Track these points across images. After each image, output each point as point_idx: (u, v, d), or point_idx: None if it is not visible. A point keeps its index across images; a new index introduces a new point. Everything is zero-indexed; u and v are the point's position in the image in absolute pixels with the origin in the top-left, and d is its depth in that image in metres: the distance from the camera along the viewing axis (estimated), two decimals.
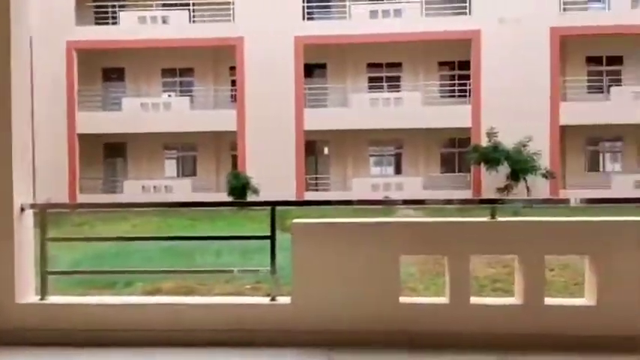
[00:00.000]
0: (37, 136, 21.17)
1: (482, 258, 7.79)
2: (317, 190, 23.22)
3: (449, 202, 4.35)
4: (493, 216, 3.87)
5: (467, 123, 21.61)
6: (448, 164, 23.56)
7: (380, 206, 19.94)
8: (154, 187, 22.57)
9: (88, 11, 23.53)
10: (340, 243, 3.84)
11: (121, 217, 18.12)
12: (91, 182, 23.66)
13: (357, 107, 22.01)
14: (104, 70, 24.22)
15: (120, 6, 23.34)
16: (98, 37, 22.32)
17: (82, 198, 22.32)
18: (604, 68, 22.79)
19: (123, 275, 7.43)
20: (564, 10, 21.61)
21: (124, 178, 23.67)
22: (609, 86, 22.22)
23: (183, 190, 22.44)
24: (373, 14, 22.04)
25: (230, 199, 20.53)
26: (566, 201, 4.10)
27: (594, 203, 4.91)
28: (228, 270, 7.25)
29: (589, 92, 22.65)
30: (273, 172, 21.64)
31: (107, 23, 23.31)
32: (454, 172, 23.32)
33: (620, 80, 22.59)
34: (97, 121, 22.61)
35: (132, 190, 22.52)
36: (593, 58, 22.75)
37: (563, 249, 3.96)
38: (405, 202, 8.12)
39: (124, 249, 9.57)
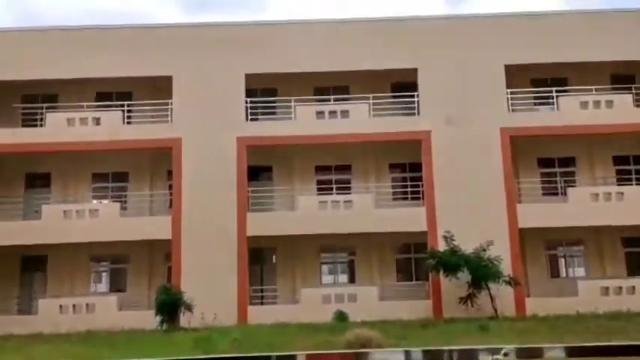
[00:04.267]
0: None
1: None
2: (262, 303, 20.90)
3: None
4: None
5: (422, 226, 20.22)
6: (404, 271, 21.81)
7: (328, 323, 17.81)
8: (74, 305, 19.73)
9: (14, 112, 21.84)
10: None
11: (24, 344, 15.45)
12: (6, 302, 20.70)
13: (304, 210, 20.39)
14: (27, 176, 22.10)
15: (48, 107, 21.73)
16: (20, 140, 20.45)
17: None
18: (557, 170, 22.25)
19: None
20: (513, 110, 21.30)
21: (43, 296, 20.78)
22: (566, 187, 21.50)
23: (107, 308, 19.71)
24: (320, 115, 21.14)
25: (158, 317, 17.98)
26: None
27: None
28: None
29: (544, 194, 21.90)
30: (212, 284, 19.44)
31: (35, 125, 21.61)
32: (411, 279, 21.54)
33: (574, 181, 22.00)
34: (14, 232, 20.12)
35: (48, 310, 19.63)
36: (544, 160, 22.26)
37: None
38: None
39: None
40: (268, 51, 21.31)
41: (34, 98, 22.26)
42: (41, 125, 21.37)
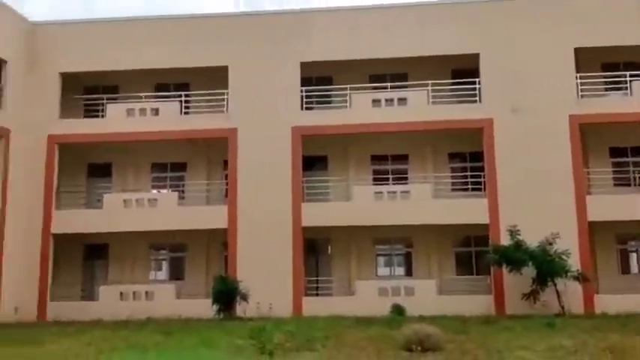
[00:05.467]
0: (11, 236, 19.30)
1: None
2: (317, 294, 20.66)
3: None
4: None
5: (483, 219, 19.39)
6: (464, 265, 21.04)
7: (384, 316, 17.34)
8: (134, 293, 20.12)
9: (76, 103, 22.44)
10: None
11: (85, 329, 15.81)
12: (70, 288, 21.33)
13: (360, 201, 19.96)
14: (89, 166, 22.69)
15: (109, 98, 22.19)
16: (82, 131, 20.97)
17: (53, 306, 19.90)
18: (630, 159, 20.84)
19: None
20: (582, 96, 20.05)
21: (105, 283, 21.31)
22: (639, 178, 20.12)
23: (166, 296, 20.00)
24: (376, 103, 20.59)
25: (215, 306, 18.07)
26: None
27: None
28: None
29: (616, 185, 20.56)
30: (268, 274, 19.36)
31: (96, 116, 22.12)
32: (472, 273, 20.75)
33: None
34: (77, 220, 20.69)
35: (108, 296, 20.11)
36: (616, 149, 20.89)
37: None
38: None
39: None
40: (324, 38, 20.95)
41: (96, 90, 22.79)
42: (102, 116, 21.83)
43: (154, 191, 22.30)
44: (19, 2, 23.18)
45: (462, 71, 21.17)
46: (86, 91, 22.84)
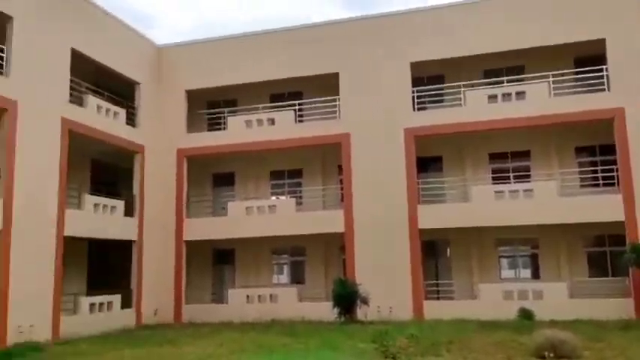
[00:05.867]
0: (149, 244, 20.99)
1: None
2: (438, 298, 20.28)
3: None
4: None
5: (618, 216, 17.92)
6: (598, 266, 19.58)
7: (511, 321, 16.61)
8: (259, 296, 21.04)
9: (200, 118, 23.93)
10: None
11: (217, 331, 16.80)
12: (202, 292, 22.82)
13: (479, 201, 19.31)
14: (214, 176, 24.09)
15: (229, 111, 23.47)
16: (207, 143, 22.30)
17: (188, 309, 21.33)
18: None
19: None
20: None
21: (232, 286, 22.48)
22: None
23: (288, 299, 20.68)
24: (492, 99, 19.83)
25: (336, 309, 18.36)
26: None
27: None
28: None
29: None
30: (386, 277, 19.36)
31: (219, 129, 23.44)
32: (606, 275, 19.27)
33: None
34: (206, 227, 22.02)
35: (236, 299, 21.18)
36: None
37: None
38: None
39: None
40: (433, 37, 20.58)
41: (217, 104, 24.19)
42: (224, 128, 23.07)
43: (273, 198, 23.15)
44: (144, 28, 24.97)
45: (586, 59, 19.83)
46: (209, 105, 24.32)
